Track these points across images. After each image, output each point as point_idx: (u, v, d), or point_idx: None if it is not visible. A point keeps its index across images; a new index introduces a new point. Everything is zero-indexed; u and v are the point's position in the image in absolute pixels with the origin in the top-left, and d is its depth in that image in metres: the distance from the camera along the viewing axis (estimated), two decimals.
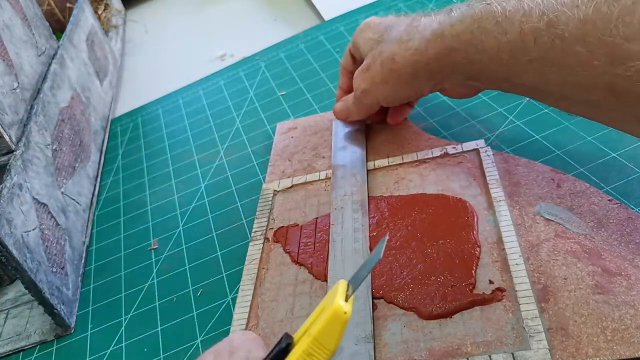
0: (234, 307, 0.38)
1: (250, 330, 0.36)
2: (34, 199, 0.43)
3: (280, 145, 0.52)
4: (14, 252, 0.37)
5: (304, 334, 0.26)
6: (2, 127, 0.43)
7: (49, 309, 0.41)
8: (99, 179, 0.58)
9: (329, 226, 0.41)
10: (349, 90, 0.49)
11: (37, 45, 0.55)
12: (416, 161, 0.44)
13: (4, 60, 0.47)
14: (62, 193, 0.48)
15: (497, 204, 0.38)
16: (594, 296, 0.31)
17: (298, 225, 0.43)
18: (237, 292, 0.39)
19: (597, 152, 0.41)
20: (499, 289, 0.34)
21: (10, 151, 0.43)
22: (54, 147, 0.49)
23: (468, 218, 0.38)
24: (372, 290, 0.36)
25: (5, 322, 0.46)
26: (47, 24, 0.60)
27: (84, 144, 0.57)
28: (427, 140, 0.46)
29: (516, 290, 0.33)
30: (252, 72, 0.68)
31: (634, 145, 0.41)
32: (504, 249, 0.35)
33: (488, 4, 0.34)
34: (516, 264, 0.34)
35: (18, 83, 0.48)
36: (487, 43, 0.34)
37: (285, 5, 0.83)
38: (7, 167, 0.42)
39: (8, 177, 0.41)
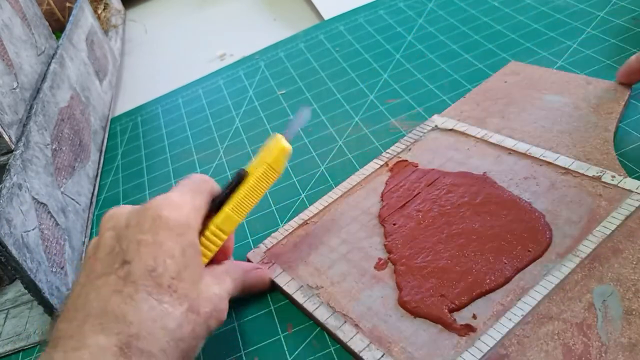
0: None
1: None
2: (34, 198, 0.43)
3: (487, 85, 0.49)
4: (14, 252, 0.37)
5: (257, 167, 0.35)
6: (2, 127, 0.43)
7: (49, 309, 0.41)
8: (98, 179, 0.58)
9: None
10: None
11: (36, 45, 0.55)
12: (552, 164, 0.40)
13: (3, 60, 0.47)
14: (62, 193, 0.48)
15: (564, 259, 0.34)
16: None
17: (417, 167, 0.43)
18: None
19: None
20: (470, 327, 0.32)
21: (10, 151, 0.43)
22: (53, 147, 0.49)
23: (533, 246, 0.35)
24: (390, 253, 0.38)
25: (5, 322, 0.46)
26: (47, 23, 0.60)
27: (83, 144, 0.57)
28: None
29: (481, 340, 0.31)
30: (252, 71, 0.68)
31: (634, 145, 0.41)
32: (520, 299, 0.33)
33: None
34: (509, 320, 0.32)
35: (17, 83, 0.48)
36: None
37: (285, 4, 0.82)
38: (7, 166, 0.42)
39: (7, 177, 0.40)
